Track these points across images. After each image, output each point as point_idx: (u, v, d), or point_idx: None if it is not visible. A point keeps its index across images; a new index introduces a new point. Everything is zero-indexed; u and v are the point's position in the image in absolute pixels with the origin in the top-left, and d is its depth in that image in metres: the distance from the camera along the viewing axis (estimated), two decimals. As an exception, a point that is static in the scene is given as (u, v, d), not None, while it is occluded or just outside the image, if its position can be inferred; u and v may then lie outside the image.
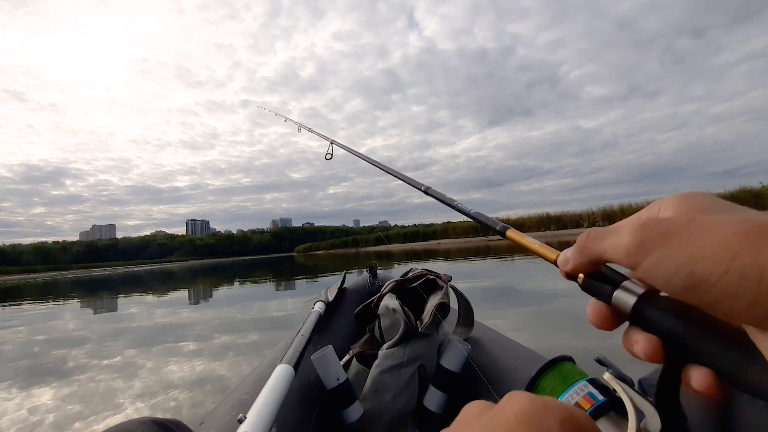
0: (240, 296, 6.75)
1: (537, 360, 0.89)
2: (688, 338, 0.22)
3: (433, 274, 1.08)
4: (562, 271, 0.30)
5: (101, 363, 2.84)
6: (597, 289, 0.27)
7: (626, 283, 0.25)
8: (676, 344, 0.22)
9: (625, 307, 0.25)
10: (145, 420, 0.51)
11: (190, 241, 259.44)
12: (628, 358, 0.26)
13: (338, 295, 1.41)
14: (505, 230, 0.43)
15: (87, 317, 5.70)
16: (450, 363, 0.88)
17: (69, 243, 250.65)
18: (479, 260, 9.71)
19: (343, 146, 1.32)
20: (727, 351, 0.20)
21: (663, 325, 0.23)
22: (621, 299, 0.25)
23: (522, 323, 2.95)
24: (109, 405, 2.00)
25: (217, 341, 3.18)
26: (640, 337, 0.23)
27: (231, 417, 0.69)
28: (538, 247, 0.36)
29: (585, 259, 0.27)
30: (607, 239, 0.25)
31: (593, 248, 0.26)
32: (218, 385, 2.14)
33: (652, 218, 0.24)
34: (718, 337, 0.21)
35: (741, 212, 0.21)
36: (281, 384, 0.65)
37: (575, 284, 0.32)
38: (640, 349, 0.23)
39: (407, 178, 0.84)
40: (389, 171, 0.93)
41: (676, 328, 0.22)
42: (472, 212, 0.53)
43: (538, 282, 4.76)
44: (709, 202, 0.23)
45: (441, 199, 0.66)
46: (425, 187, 0.76)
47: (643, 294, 0.24)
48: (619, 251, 0.23)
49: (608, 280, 0.26)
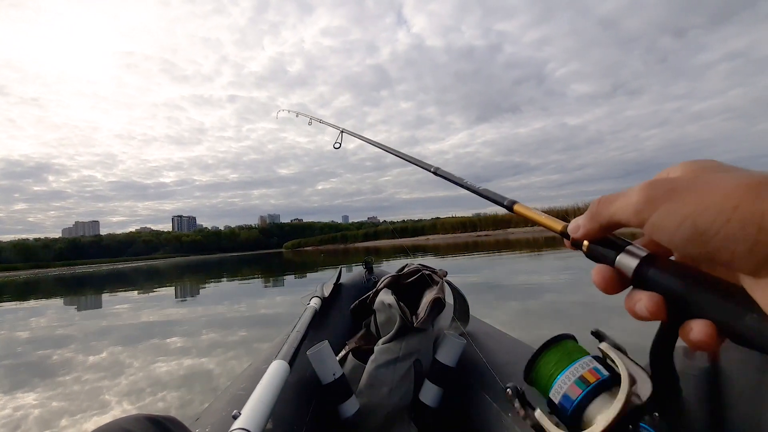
0: (228, 293, 6.70)
1: (532, 353, 0.90)
2: (688, 293, 0.23)
3: (428, 269, 1.08)
4: (569, 240, 0.31)
5: (87, 361, 2.79)
6: (602, 254, 0.28)
7: (629, 247, 0.27)
8: (676, 300, 0.23)
9: (627, 270, 0.26)
10: (139, 417, 0.50)
11: (176, 237, 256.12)
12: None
13: (334, 291, 1.40)
14: (513, 204, 0.45)
15: (71, 315, 5.60)
16: (446, 357, 0.89)
17: (51, 240, 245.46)
18: (467, 256, 9.78)
19: (353, 134, 1.32)
20: (726, 303, 0.21)
21: (664, 284, 0.24)
22: (624, 262, 0.26)
23: (510, 317, 2.98)
24: (96, 403, 1.97)
25: (205, 338, 3.15)
26: (643, 295, 0.24)
27: (226, 413, 0.69)
28: (545, 219, 0.37)
29: (596, 224, 0.28)
30: (617, 201, 0.26)
31: (604, 212, 0.27)
32: (207, 383, 2.12)
33: (660, 178, 0.25)
34: (717, 291, 0.22)
35: (745, 171, 0.22)
36: (276, 380, 0.64)
37: (560, 279, 0.32)
38: (643, 306, 0.24)
39: (417, 161, 0.86)
40: (399, 154, 0.95)
41: (676, 285, 0.23)
42: (481, 189, 0.55)
43: (525, 277, 4.82)
44: (715, 164, 0.24)
45: (450, 178, 0.68)
46: (435, 168, 0.78)
47: (645, 256, 0.25)
48: (628, 210, 0.24)
49: (613, 245, 0.28)
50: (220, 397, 0.79)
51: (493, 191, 0.52)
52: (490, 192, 0.52)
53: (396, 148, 0.99)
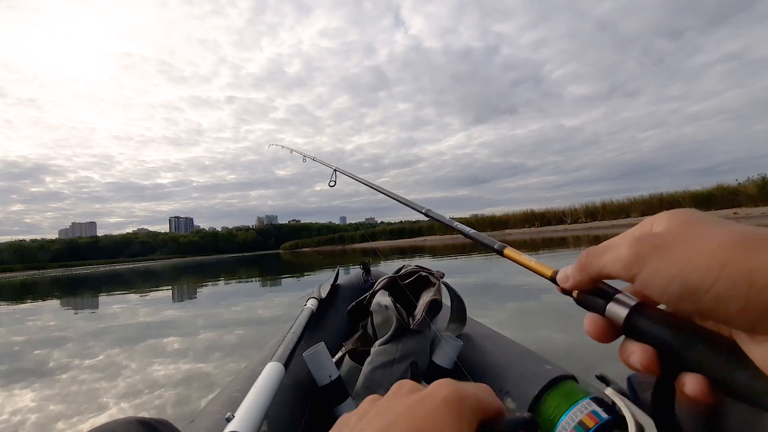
0: (225, 294, 6.68)
1: (529, 356, 0.90)
2: (680, 347, 0.23)
3: (425, 270, 1.08)
4: (559, 287, 0.31)
5: (84, 363, 2.78)
6: (592, 303, 0.28)
7: (619, 296, 0.27)
8: (669, 353, 0.23)
9: (618, 319, 0.26)
10: (130, 420, 0.50)
11: (173, 238, 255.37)
12: (620, 365, 0.26)
13: (331, 292, 1.40)
14: (503, 249, 0.46)
15: (68, 316, 5.57)
16: (442, 359, 0.89)
17: (48, 241, 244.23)
18: (464, 257, 9.78)
19: (346, 173, 1.36)
20: (718, 358, 0.21)
21: (656, 335, 0.24)
22: (614, 311, 0.26)
23: (507, 318, 2.98)
24: (93, 405, 1.96)
25: (202, 340, 3.14)
26: (636, 348, 0.25)
27: (220, 415, 0.68)
28: (535, 264, 0.38)
29: (585, 276, 0.28)
30: (605, 255, 0.26)
31: (593, 264, 0.27)
32: (204, 384, 2.11)
33: (646, 233, 0.25)
34: (710, 345, 0.22)
35: (727, 224, 0.23)
36: (271, 382, 0.64)
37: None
38: (637, 360, 0.24)
39: (408, 202, 0.89)
40: (392, 196, 0.98)
41: (668, 338, 0.23)
42: (471, 233, 0.57)
43: (522, 278, 4.82)
44: (697, 216, 0.25)
45: (441, 220, 0.71)
46: (425, 209, 0.80)
47: (635, 306, 0.26)
48: (617, 265, 0.25)
49: (603, 294, 0.28)
50: (215, 399, 0.79)
51: (483, 235, 0.53)
52: (480, 236, 0.54)
53: (395, 155, 1.02)
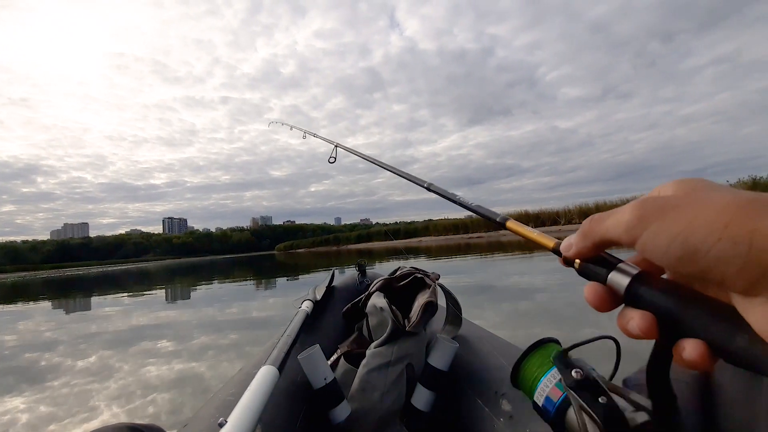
0: (219, 295, 6.63)
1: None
2: (679, 313, 0.23)
3: (421, 272, 1.07)
4: (561, 257, 0.31)
5: (76, 365, 2.75)
6: (594, 272, 0.28)
7: (621, 265, 0.27)
8: (668, 320, 0.24)
9: (619, 288, 0.26)
10: (120, 426, 0.49)
11: (166, 239, 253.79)
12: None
13: (326, 294, 1.39)
14: (506, 221, 0.45)
15: (60, 318, 5.51)
16: (438, 361, 0.88)
17: (39, 242, 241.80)
18: (460, 258, 9.80)
19: (348, 149, 1.34)
20: (717, 323, 0.22)
21: (656, 303, 0.24)
22: (616, 280, 0.26)
23: (502, 318, 2.99)
24: (85, 408, 1.94)
25: (196, 342, 3.12)
26: (635, 314, 0.25)
27: (213, 420, 0.67)
28: (537, 236, 0.38)
29: (588, 242, 0.28)
30: (608, 219, 0.26)
31: (596, 230, 0.27)
32: (198, 387, 2.10)
33: (651, 196, 0.26)
34: (709, 311, 0.22)
35: (734, 190, 0.23)
36: (264, 386, 0.63)
37: (552, 280, 0.33)
38: (635, 325, 0.24)
39: (411, 176, 0.87)
40: (393, 170, 0.96)
41: (668, 305, 0.23)
42: (474, 205, 0.55)
43: (517, 278, 4.84)
44: (705, 183, 0.25)
45: (444, 194, 0.69)
46: (428, 183, 0.79)
47: (636, 274, 0.26)
48: (619, 228, 0.25)
49: (605, 263, 0.28)
50: (208, 403, 0.78)
51: (485, 207, 0.52)
52: (483, 209, 0.53)
53: (390, 156, 1.01)
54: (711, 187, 0.24)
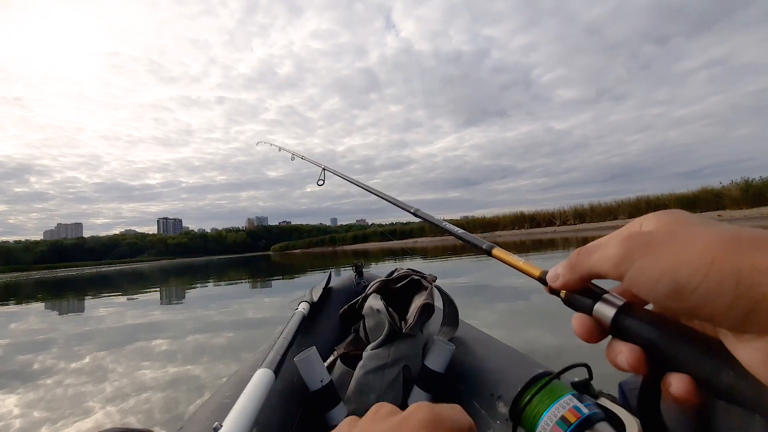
0: (214, 296, 6.61)
1: (521, 360, 0.90)
2: (667, 347, 0.23)
3: (417, 274, 1.08)
4: (547, 287, 0.31)
5: (69, 366, 2.73)
6: (579, 303, 0.28)
7: (606, 296, 0.27)
8: (656, 353, 0.23)
9: (605, 319, 0.26)
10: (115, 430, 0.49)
11: (161, 240, 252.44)
12: (608, 365, 0.26)
13: (323, 295, 1.39)
14: (491, 249, 0.46)
15: (53, 319, 5.47)
16: (434, 363, 0.88)
17: (32, 242, 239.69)
18: (455, 258, 9.82)
19: (335, 172, 1.34)
20: (704, 357, 0.21)
21: (643, 335, 0.24)
22: (601, 311, 0.26)
23: (498, 318, 3.00)
24: (79, 409, 1.92)
25: (191, 343, 3.10)
26: (624, 347, 0.25)
27: (208, 423, 0.67)
28: (523, 265, 0.38)
29: (575, 275, 0.28)
30: (595, 253, 0.26)
31: (583, 263, 0.27)
32: (193, 388, 2.09)
33: (635, 232, 0.26)
34: (696, 345, 0.22)
35: (717, 224, 0.23)
36: (260, 389, 0.63)
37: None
38: (624, 360, 0.24)
39: (398, 202, 0.89)
40: (381, 195, 0.97)
41: (655, 338, 0.23)
42: (460, 233, 0.56)
43: (511, 279, 4.85)
44: (686, 216, 0.25)
45: (430, 220, 0.70)
46: (414, 209, 0.80)
47: (622, 306, 0.26)
48: (607, 263, 0.25)
49: (590, 294, 0.28)
50: (204, 407, 0.77)
51: (471, 235, 0.53)
52: (469, 236, 0.53)
53: (386, 157, 1.01)
54: (694, 222, 0.24)
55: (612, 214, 21.48)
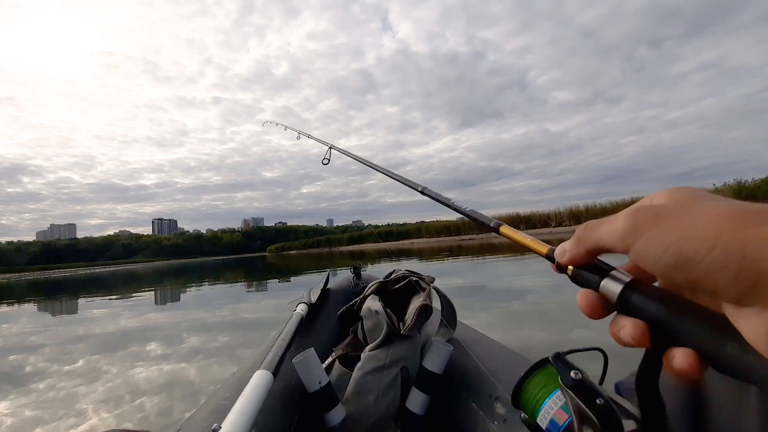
0: (210, 298, 6.58)
1: (519, 361, 0.90)
2: (671, 322, 0.23)
3: (416, 275, 1.08)
4: (554, 264, 0.31)
5: (62, 369, 2.70)
6: (586, 279, 0.28)
7: (614, 272, 0.27)
8: (659, 328, 0.24)
9: (611, 295, 0.26)
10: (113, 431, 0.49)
11: (156, 241, 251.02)
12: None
13: (321, 296, 1.38)
14: (499, 226, 0.45)
15: (45, 321, 5.42)
16: (433, 365, 0.88)
17: (24, 243, 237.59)
18: (452, 260, 9.83)
19: (342, 150, 1.33)
20: (708, 331, 0.22)
21: (648, 311, 0.24)
22: (608, 287, 0.26)
23: (495, 320, 3.01)
24: (72, 412, 1.90)
25: (186, 345, 3.08)
26: (627, 322, 0.25)
27: (207, 425, 0.67)
28: (530, 242, 0.37)
29: (582, 248, 0.28)
30: (602, 226, 0.27)
31: (590, 237, 0.27)
32: (189, 390, 2.07)
33: (644, 205, 0.26)
34: (700, 319, 0.22)
35: (726, 200, 0.23)
36: (259, 391, 0.63)
37: (543, 281, 0.33)
38: (627, 333, 0.25)
39: (404, 179, 0.87)
40: (387, 173, 0.95)
41: (660, 313, 0.24)
42: (467, 210, 0.55)
43: (509, 280, 4.87)
44: (696, 192, 0.25)
45: (437, 198, 0.69)
46: (422, 187, 0.78)
47: (629, 282, 0.26)
48: (614, 235, 0.25)
49: (597, 270, 0.28)
50: (202, 408, 0.77)
51: (479, 212, 0.52)
52: (477, 213, 0.52)
53: (382, 158, 1.00)
54: (704, 197, 0.24)
55: (607, 215, 21.50)
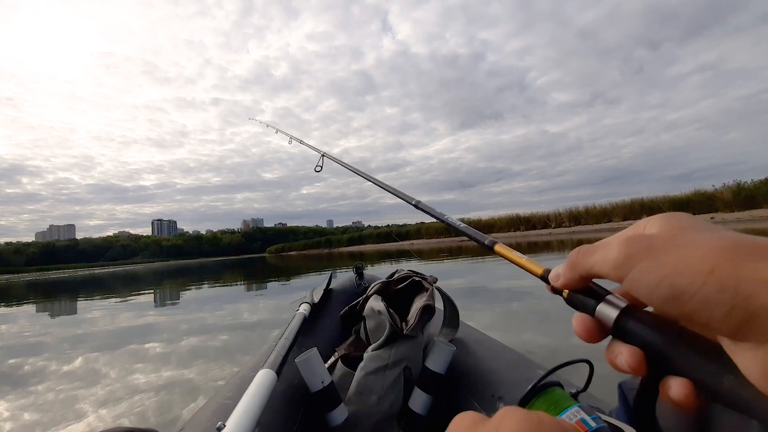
0: (209, 298, 6.57)
1: (521, 362, 0.90)
2: (667, 350, 0.23)
3: (418, 275, 1.08)
4: (549, 285, 0.31)
5: (61, 370, 2.70)
6: (582, 303, 0.28)
7: (609, 297, 0.27)
8: (656, 356, 0.23)
9: (607, 320, 0.26)
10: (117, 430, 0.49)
11: (155, 241, 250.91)
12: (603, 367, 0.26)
13: (324, 296, 1.38)
14: (494, 245, 0.45)
15: (44, 322, 5.42)
16: (435, 365, 0.88)
17: (23, 244, 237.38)
18: (451, 260, 9.83)
19: (334, 159, 1.31)
20: (704, 362, 0.21)
21: (644, 338, 0.24)
22: (604, 312, 0.26)
23: (495, 320, 3.01)
24: (71, 413, 1.90)
25: (186, 345, 3.09)
26: (624, 349, 0.24)
27: (211, 423, 0.67)
28: (525, 262, 0.37)
29: (575, 274, 0.28)
30: (596, 254, 0.26)
31: (583, 263, 0.27)
32: (189, 391, 2.07)
33: (638, 234, 0.25)
34: (696, 349, 0.22)
35: (719, 231, 0.23)
36: (262, 390, 0.63)
37: (541, 283, 0.33)
38: (623, 361, 0.24)
39: (398, 193, 0.86)
40: (380, 185, 0.94)
41: (656, 340, 0.23)
42: (462, 227, 0.55)
43: (507, 281, 4.87)
44: (690, 221, 0.25)
45: (431, 213, 0.68)
46: (416, 201, 0.77)
47: (625, 308, 0.25)
48: (607, 264, 0.25)
49: (593, 294, 0.27)
50: (205, 407, 0.77)
51: (473, 230, 0.51)
52: (471, 230, 0.52)
53: (382, 159, 0.99)
54: (697, 227, 0.24)
55: (606, 216, 21.63)
